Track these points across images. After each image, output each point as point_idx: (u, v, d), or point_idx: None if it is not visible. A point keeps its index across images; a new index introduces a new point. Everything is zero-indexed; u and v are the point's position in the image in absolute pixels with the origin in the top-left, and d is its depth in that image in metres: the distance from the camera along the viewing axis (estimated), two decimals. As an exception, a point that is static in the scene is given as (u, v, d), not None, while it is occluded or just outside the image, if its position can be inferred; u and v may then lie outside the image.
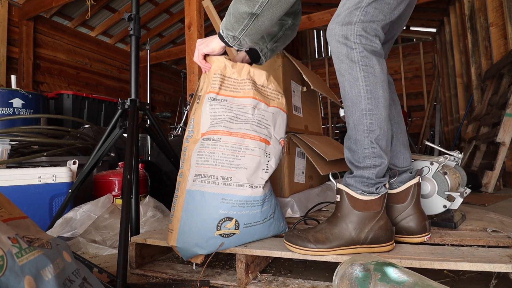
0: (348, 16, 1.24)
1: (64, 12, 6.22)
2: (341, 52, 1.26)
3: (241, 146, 1.40)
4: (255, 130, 1.44)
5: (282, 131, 1.57)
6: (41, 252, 0.83)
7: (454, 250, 1.24)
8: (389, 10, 1.27)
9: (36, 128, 2.89)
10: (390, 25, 1.32)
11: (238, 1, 1.31)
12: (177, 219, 1.37)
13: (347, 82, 1.27)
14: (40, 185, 2.15)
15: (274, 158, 1.47)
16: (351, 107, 1.29)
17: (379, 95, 1.26)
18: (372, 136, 1.27)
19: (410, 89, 8.85)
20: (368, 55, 1.24)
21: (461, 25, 6.12)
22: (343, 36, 1.24)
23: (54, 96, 4.48)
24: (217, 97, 1.47)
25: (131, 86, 2.06)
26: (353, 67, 1.25)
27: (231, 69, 1.53)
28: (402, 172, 1.50)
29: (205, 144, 1.40)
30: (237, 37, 1.39)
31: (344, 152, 1.37)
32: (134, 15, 2.05)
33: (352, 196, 1.29)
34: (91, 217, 2.02)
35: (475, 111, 5.13)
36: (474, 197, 2.99)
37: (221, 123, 1.42)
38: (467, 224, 1.64)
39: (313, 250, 1.25)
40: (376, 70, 1.25)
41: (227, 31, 1.40)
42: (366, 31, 1.23)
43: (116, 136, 2.01)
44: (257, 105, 1.51)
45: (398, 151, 1.53)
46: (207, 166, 1.36)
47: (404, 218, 1.41)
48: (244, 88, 1.51)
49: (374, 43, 1.25)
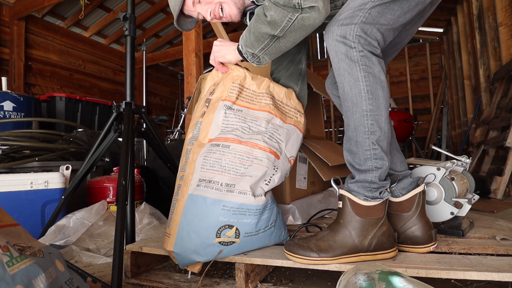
0: (350, 16, 1.25)
1: (56, 11, 6.24)
2: (339, 51, 1.27)
3: (250, 155, 1.42)
4: (266, 142, 1.46)
5: (294, 151, 1.59)
6: (33, 260, 0.83)
7: (462, 259, 1.24)
8: (393, 17, 1.28)
9: (27, 132, 2.89)
10: (393, 32, 1.33)
11: (259, 21, 1.32)
12: (176, 223, 1.37)
13: (347, 82, 1.28)
14: (32, 191, 2.15)
15: (280, 173, 1.49)
16: (351, 108, 1.30)
17: (379, 95, 1.27)
18: (373, 137, 1.28)
19: (416, 91, 8.84)
20: (368, 55, 1.25)
21: (469, 25, 6.13)
22: (342, 35, 1.25)
23: (47, 98, 4.49)
24: (233, 106, 1.50)
25: (126, 89, 2.07)
26: (352, 66, 1.26)
27: (251, 81, 1.56)
28: (403, 177, 1.51)
29: (213, 150, 1.42)
30: (256, 54, 1.41)
31: (344, 154, 1.37)
32: (129, 14, 2.06)
33: (354, 202, 1.29)
34: (85, 224, 2.02)
35: (484, 114, 5.13)
36: (482, 204, 2.98)
37: (232, 131, 1.45)
38: (475, 231, 1.64)
39: (316, 259, 1.25)
40: (376, 70, 1.26)
41: (246, 47, 1.42)
42: (366, 33, 1.25)
43: (110, 140, 2.01)
44: (271, 120, 1.54)
45: (393, 155, 1.54)
46: (213, 172, 1.38)
47: (410, 228, 1.40)
48: (261, 102, 1.55)
49: (373, 46, 1.27)
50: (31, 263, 0.82)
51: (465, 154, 1.80)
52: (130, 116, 1.96)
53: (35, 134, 3.03)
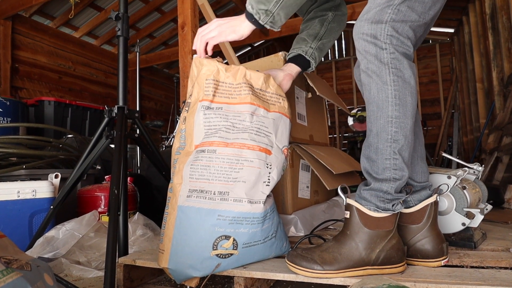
0: (378, 13, 1.23)
1: (45, 10, 6.26)
2: (369, 52, 1.25)
3: (239, 158, 1.39)
4: (253, 139, 1.43)
5: (285, 139, 1.55)
6: (20, 274, 0.84)
7: (474, 273, 1.24)
8: (424, 10, 1.26)
9: (14, 138, 2.90)
10: (424, 27, 1.31)
11: None
12: (169, 238, 1.37)
13: (374, 85, 1.26)
14: (19, 200, 2.16)
15: (276, 169, 1.46)
16: (376, 112, 1.28)
17: (407, 102, 1.25)
18: (396, 146, 1.26)
19: (426, 95, 8.84)
20: (400, 57, 1.23)
21: (481, 24, 6.14)
22: (372, 35, 1.23)
23: (34, 103, 4.50)
24: (211, 105, 1.46)
25: (119, 92, 2.07)
26: (382, 69, 1.24)
27: (225, 73, 1.51)
28: (421, 188, 1.48)
29: (199, 157, 1.39)
30: (270, 11, 1.35)
31: (361, 161, 1.36)
32: (122, 13, 2.06)
33: (363, 213, 1.29)
34: (75, 236, 2.02)
35: (497, 119, 5.13)
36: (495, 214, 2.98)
37: (216, 133, 1.42)
38: (488, 243, 1.64)
39: (320, 272, 1.25)
40: (406, 75, 1.24)
41: (258, 4, 1.36)
42: (398, 31, 1.22)
43: (102, 147, 2.02)
44: (255, 111, 1.49)
45: (416, 164, 1.51)
46: (203, 180, 1.36)
47: (419, 240, 1.39)
48: (240, 94, 1.50)
49: (406, 45, 1.24)
50: (18, 276, 0.82)
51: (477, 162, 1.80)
52: (123, 122, 1.96)
53: (22, 141, 3.03)
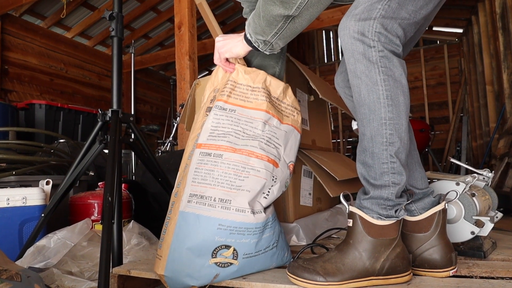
0: (368, 9, 1.22)
1: (36, 10, 6.28)
2: (356, 50, 1.24)
3: (246, 166, 1.39)
4: (263, 149, 1.43)
5: (293, 154, 1.55)
6: (10, 285, 0.84)
7: (484, 283, 1.24)
8: (415, 9, 1.25)
9: (3, 143, 2.90)
10: (415, 26, 1.30)
11: (270, 3, 1.28)
12: (167, 244, 1.37)
13: (364, 86, 1.25)
14: (8, 208, 2.15)
15: (279, 184, 1.46)
16: (368, 115, 1.27)
17: (400, 101, 1.25)
18: (392, 149, 1.25)
19: (433, 98, 8.84)
20: (389, 55, 1.22)
21: (491, 24, 6.15)
22: (359, 32, 1.21)
23: (25, 106, 4.50)
24: (225, 106, 1.47)
25: (113, 95, 2.07)
26: (371, 68, 1.23)
27: (244, 75, 1.52)
28: (424, 196, 1.49)
29: (204, 160, 1.39)
30: (269, 41, 1.39)
31: (357, 167, 1.36)
32: (116, 13, 2.06)
33: (366, 221, 1.29)
34: (67, 245, 2.01)
35: (508, 123, 5.14)
36: (506, 222, 2.98)
37: (225, 137, 1.42)
38: (498, 253, 1.64)
39: (323, 284, 1.24)
40: (397, 73, 1.24)
41: (256, 35, 1.39)
42: (387, 29, 1.21)
43: (95, 152, 2.02)
44: (268, 120, 1.49)
45: (414, 169, 1.52)
46: (205, 185, 1.36)
47: (427, 250, 1.39)
48: (257, 99, 1.50)
49: (394, 43, 1.24)
50: (8, 287, 0.83)
51: (487, 168, 1.80)
52: (117, 126, 1.96)
53: (12, 146, 3.03)
